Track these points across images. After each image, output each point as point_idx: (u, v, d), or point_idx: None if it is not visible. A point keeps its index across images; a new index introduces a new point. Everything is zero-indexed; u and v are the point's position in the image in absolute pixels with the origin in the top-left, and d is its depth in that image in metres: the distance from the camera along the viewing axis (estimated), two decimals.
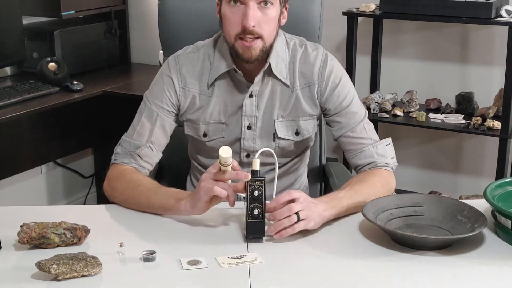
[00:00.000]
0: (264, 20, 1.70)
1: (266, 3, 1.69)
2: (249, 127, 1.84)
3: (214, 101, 1.83)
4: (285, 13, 1.78)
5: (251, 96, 1.82)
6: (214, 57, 1.82)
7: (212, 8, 1.80)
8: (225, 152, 1.52)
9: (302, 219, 1.52)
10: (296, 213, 1.52)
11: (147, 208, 1.69)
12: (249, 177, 1.53)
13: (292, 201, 1.54)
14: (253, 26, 1.68)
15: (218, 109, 1.83)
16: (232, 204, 1.58)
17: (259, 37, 1.71)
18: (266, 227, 1.55)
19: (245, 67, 1.78)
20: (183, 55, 1.85)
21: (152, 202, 1.68)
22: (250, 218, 1.52)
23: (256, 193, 1.53)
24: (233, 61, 1.79)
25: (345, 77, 1.85)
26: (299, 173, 2.01)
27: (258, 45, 1.71)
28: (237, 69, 1.78)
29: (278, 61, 1.80)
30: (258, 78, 1.80)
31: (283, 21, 1.78)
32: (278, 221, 1.52)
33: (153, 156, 1.82)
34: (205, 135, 1.86)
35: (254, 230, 1.53)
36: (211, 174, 1.57)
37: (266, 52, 1.75)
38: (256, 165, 1.57)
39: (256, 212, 1.52)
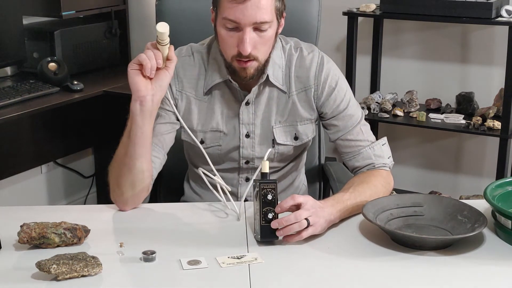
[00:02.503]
0: (261, 42, 1.68)
1: (262, 26, 1.65)
2: (247, 135, 1.83)
3: (210, 109, 1.81)
4: (282, 21, 1.75)
5: (247, 104, 1.81)
6: (208, 63, 1.81)
7: (209, 7, 1.79)
8: (162, 27, 1.55)
9: (311, 226, 1.51)
10: (306, 219, 1.51)
11: (126, 152, 1.66)
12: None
13: (297, 205, 1.53)
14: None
15: (216, 117, 1.82)
16: (151, 75, 1.59)
17: (255, 59, 1.69)
18: None
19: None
20: (178, 58, 1.83)
21: (123, 140, 1.67)
22: (263, 222, 1.51)
23: (269, 197, 1.52)
24: (228, 72, 1.77)
25: (341, 80, 1.84)
26: (297, 173, 2.00)
27: (253, 65, 1.70)
28: (231, 80, 1.77)
29: (275, 69, 1.79)
30: (254, 88, 1.78)
31: (280, 29, 1.76)
32: (286, 226, 1.50)
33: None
34: (202, 142, 1.83)
35: (268, 234, 1.52)
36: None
37: (262, 68, 1.74)
38: (266, 168, 1.56)
39: (270, 216, 1.51)
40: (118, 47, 3.58)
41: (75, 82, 3.01)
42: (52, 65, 3.02)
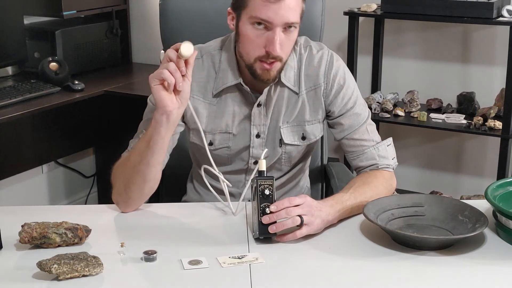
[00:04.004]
0: (287, 44, 1.67)
1: (290, 27, 1.65)
2: (257, 135, 1.83)
3: (221, 112, 1.80)
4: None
5: (259, 105, 1.80)
6: (220, 66, 1.78)
7: (213, 7, 1.79)
8: (187, 50, 1.53)
9: (305, 225, 1.52)
10: (300, 217, 1.51)
11: (143, 159, 1.64)
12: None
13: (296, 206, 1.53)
14: None
15: (225, 120, 1.81)
16: (179, 87, 1.56)
17: (280, 60, 1.68)
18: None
19: (253, 80, 1.75)
20: None
21: (140, 147, 1.65)
22: (262, 217, 1.51)
23: (266, 192, 1.52)
24: (240, 74, 1.76)
25: (349, 78, 1.84)
26: (302, 175, 2.00)
27: (277, 66, 1.69)
28: (243, 84, 1.76)
29: (287, 69, 1.78)
30: (266, 89, 1.77)
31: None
32: (281, 221, 1.50)
33: None
34: (211, 143, 1.83)
35: (266, 230, 1.51)
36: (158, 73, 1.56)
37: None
38: (262, 166, 1.56)
39: (268, 211, 1.51)
40: (119, 47, 3.58)
41: (76, 82, 3.02)
42: (53, 65, 3.02)
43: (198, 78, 1.79)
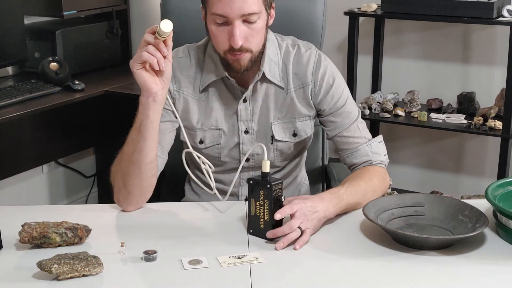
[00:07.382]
0: (251, 34, 1.68)
1: (251, 17, 1.66)
2: (246, 132, 1.84)
3: (209, 107, 1.82)
4: (272, 12, 1.76)
5: (245, 101, 1.81)
6: (204, 62, 1.81)
7: None
8: (167, 26, 1.54)
9: (304, 232, 1.52)
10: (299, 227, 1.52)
11: (136, 148, 1.65)
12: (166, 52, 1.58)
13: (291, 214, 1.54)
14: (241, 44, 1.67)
15: (214, 115, 1.82)
16: (162, 67, 1.59)
17: (248, 50, 1.70)
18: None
19: (238, 75, 1.77)
20: (175, 58, 1.82)
21: (132, 137, 1.67)
22: (274, 221, 1.53)
23: (282, 198, 1.54)
24: (224, 69, 1.77)
25: (338, 77, 1.85)
26: (296, 173, 2.00)
27: (246, 56, 1.70)
28: (229, 77, 1.78)
29: (271, 65, 1.79)
30: (251, 85, 1.79)
31: (271, 21, 1.76)
32: (284, 236, 1.51)
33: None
34: (201, 142, 1.84)
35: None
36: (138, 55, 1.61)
37: (256, 60, 1.74)
38: (267, 168, 1.56)
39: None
40: (120, 47, 3.58)
41: (77, 82, 3.01)
42: (53, 65, 3.02)
43: (187, 75, 1.82)
